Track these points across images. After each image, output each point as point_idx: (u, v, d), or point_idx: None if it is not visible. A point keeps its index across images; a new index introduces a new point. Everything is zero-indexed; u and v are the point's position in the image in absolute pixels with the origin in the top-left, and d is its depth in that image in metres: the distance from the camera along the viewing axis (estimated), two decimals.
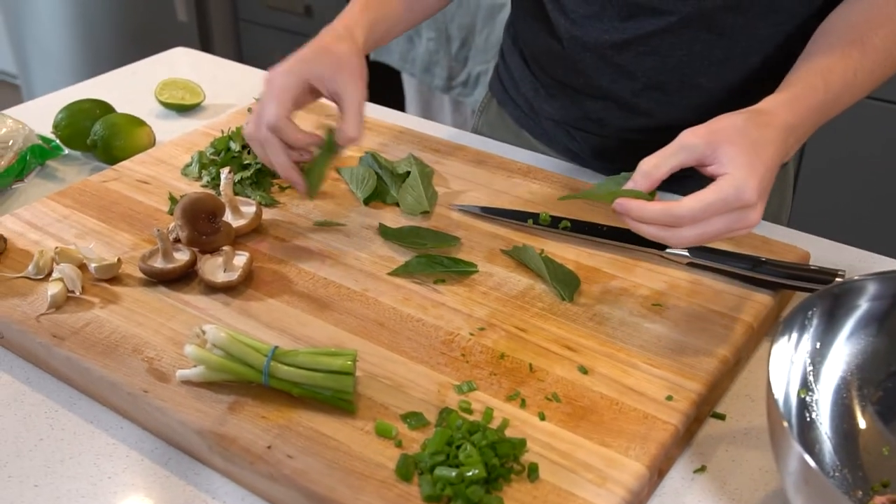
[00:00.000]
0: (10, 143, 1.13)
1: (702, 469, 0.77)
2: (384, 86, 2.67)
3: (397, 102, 2.58)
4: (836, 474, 0.71)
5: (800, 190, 2.10)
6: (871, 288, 0.72)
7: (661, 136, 1.11)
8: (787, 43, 1.01)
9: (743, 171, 0.78)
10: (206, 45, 2.93)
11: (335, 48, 0.96)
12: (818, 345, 0.73)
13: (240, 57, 3.01)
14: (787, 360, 0.70)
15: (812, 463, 0.58)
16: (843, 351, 0.73)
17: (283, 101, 0.93)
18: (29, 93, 3.39)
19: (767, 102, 0.84)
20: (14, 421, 0.80)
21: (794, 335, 0.71)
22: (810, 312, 0.72)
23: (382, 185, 1.07)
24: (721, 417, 0.82)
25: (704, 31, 1.00)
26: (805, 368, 0.72)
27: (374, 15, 1.04)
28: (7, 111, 1.28)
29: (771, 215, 1.15)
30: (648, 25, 1.01)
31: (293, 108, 0.95)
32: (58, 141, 1.20)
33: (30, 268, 0.91)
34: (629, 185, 0.82)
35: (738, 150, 0.79)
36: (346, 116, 0.94)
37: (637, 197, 0.81)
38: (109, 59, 2.97)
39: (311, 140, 0.95)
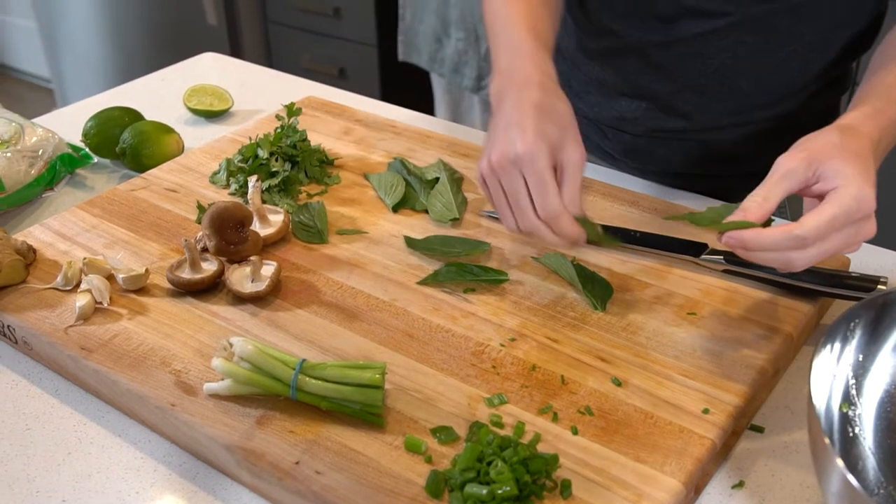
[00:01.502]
0: (39, 153, 1.13)
1: (740, 485, 0.75)
2: (413, 86, 2.66)
3: (426, 103, 2.57)
4: (881, 491, 0.69)
5: None
6: None
7: (695, 137, 1.09)
8: (827, 50, 0.99)
9: (857, 180, 0.75)
10: (235, 48, 2.94)
11: (554, 107, 0.85)
12: (861, 357, 0.70)
13: (269, 59, 3.01)
14: (828, 372, 0.68)
15: (855, 482, 0.56)
16: (888, 363, 0.71)
17: (553, 189, 0.81)
18: (62, 97, 3.42)
19: (849, 118, 0.81)
20: (42, 434, 0.80)
21: (837, 347, 0.68)
22: (853, 323, 0.69)
23: (411, 191, 1.06)
24: (759, 430, 0.80)
25: (750, 35, 0.99)
26: (847, 382, 0.70)
27: (544, 39, 0.94)
28: (37, 119, 1.28)
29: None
30: (694, 27, 1.00)
31: None
32: (87, 149, 1.20)
33: (58, 279, 0.91)
34: (736, 217, 0.78)
35: (843, 163, 0.76)
36: (567, 186, 0.83)
37: (747, 227, 0.77)
38: (141, 63, 2.99)
39: (581, 235, 0.85)
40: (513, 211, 0.84)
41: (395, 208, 1.04)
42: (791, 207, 1.14)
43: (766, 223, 0.78)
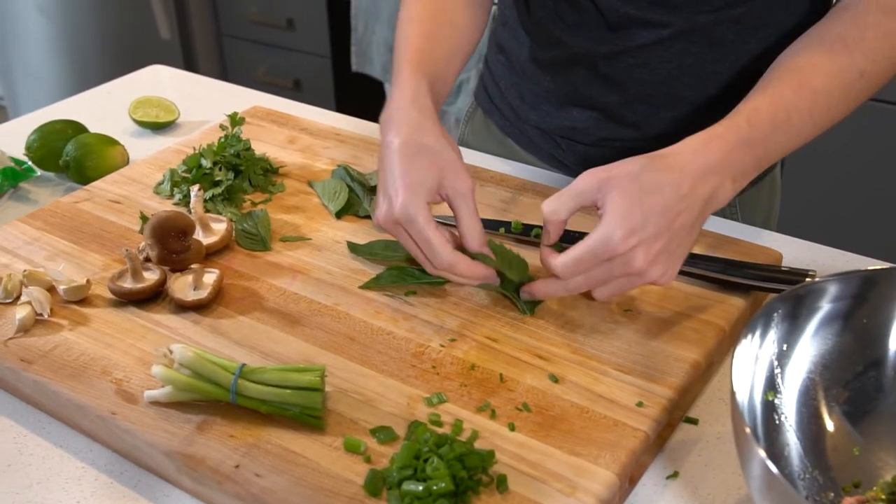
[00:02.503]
0: None
1: (674, 475, 0.76)
2: (368, 97, 2.68)
3: (380, 112, 2.57)
4: (807, 476, 0.71)
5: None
6: (833, 289, 0.72)
7: (647, 146, 1.11)
8: (774, 57, 1.01)
9: (615, 220, 0.78)
10: (189, 62, 2.93)
11: (424, 144, 0.86)
12: (784, 346, 0.72)
13: (224, 72, 3.01)
14: (751, 362, 0.70)
15: (774, 468, 0.58)
16: (809, 352, 0.73)
17: (438, 242, 0.83)
18: (15, 114, 3.39)
19: (680, 144, 0.83)
20: None
21: (758, 337, 0.70)
22: (774, 314, 0.71)
23: (355, 197, 1.07)
24: (694, 422, 0.81)
25: (695, 45, 1.01)
26: (772, 370, 0.72)
27: (428, 75, 0.94)
28: None
29: (759, 224, 1.15)
30: (640, 38, 1.01)
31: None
32: (30, 163, 1.20)
33: None
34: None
35: (620, 199, 0.78)
36: (462, 220, 0.86)
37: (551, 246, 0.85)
38: (95, 78, 2.96)
39: (482, 272, 0.87)
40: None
41: (339, 214, 1.04)
42: (742, 210, 1.16)
43: (557, 247, 0.85)
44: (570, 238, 0.95)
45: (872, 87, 0.89)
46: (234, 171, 1.09)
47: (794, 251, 1.03)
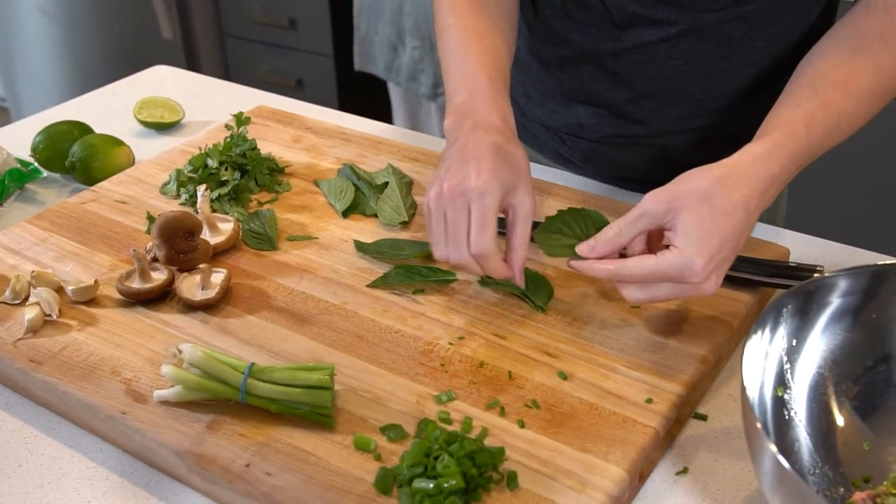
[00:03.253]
0: None
1: (684, 471, 0.76)
2: (371, 96, 2.68)
3: (384, 112, 2.58)
4: (817, 471, 0.71)
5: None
6: (843, 284, 0.72)
7: (652, 143, 1.10)
8: (781, 54, 1.01)
9: (692, 248, 0.76)
10: (192, 62, 2.93)
11: (511, 153, 0.86)
12: (794, 342, 0.72)
13: (226, 72, 3.01)
14: (761, 358, 0.70)
15: (786, 464, 0.58)
16: (819, 347, 0.73)
17: (491, 228, 0.83)
18: (18, 115, 3.39)
19: (743, 155, 0.80)
20: None
21: (768, 333, 0.70)
22: (784, 310, 0.71)
23: (361, 196, 1.07)
24: (703, 418, 0.81)
25: (703, 42, 1.00)
26: (781, 366, 0.72)
27: (500, 77, 0.93)
28: None
29: (765, 222, 1.15)
30: (647, 36, 1.01)
31: None
32: (36, 164, 1.20)
33: (6, 293, 0.90)
34: (583, 248, 0.83)
35: (693, 222, 0.76)
36: (514, 237, 0.86)
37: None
38: (97, 79, 2.96)
39: (508, 274, 0.86)
40: (448, 241, 0.84)
41: (345, 213, 1.05)
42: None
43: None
44: None
45: (892, 92, 0.88)
46: (240, 171, 1.10)
47: (801, 247, 1.03)
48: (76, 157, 1.16)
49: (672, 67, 1.03)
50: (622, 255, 0.83)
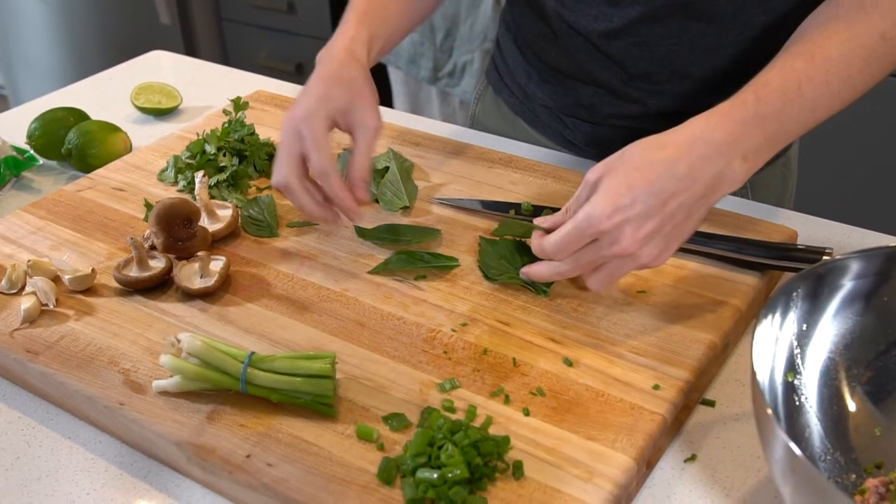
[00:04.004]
0: None
1: (692, 458, 0.75)
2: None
3: (385, 95, 2.56)
4: (828, 458, 0.69)
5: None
6: (855, 266, 0.70)
7: (654, 123, 1.08)
8: (780, 28, 0.98)
9: (600, 197, 0.76)
10: (190, 48, 2.91)
11: (345, 76, 0.92)
12: (804, 326, 0.71)
13: (225, 57, 2.99)
14: (771, 343, 0.69)
15: (798, 451, 0.56)
16: (830, 332, 0.72)
17: (323, 146, 0.88)
18: (16, 102, 3.37)
19: (683, 124, 0.80)
20: None
21: (778, 317, 0.69)
22: (794, 294, 0.70)
23: None
24: (711, 404, 0.80)
25: (693, 20, 0.98)
26: (791, 351, 0.70)
27: (372, 29, 0.99)
28: None
29: (773, 203, 1.13)
30: (633, 12, 0.99)
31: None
32: (32, 151, 1.18)
33: (2, 282, 0.89)
34: (542, 221, 0.85)
35: (610, 178, 0.77)
36: (357, 151, 0.91)
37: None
38: (95, 66, 2.94)
39: (347, 196, 0.91)
40: (277, 165, 0.90)
41: None
42: (752, 191, 1.14)
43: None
44: None
45: None
46: (238, 157, 1.08)
47: (807, 228, 1.01)
48: (72, 144, 1.15)
49: (665, 47, 1.01)
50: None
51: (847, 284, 0.71)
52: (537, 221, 0.84)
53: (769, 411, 0.60)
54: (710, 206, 0.80)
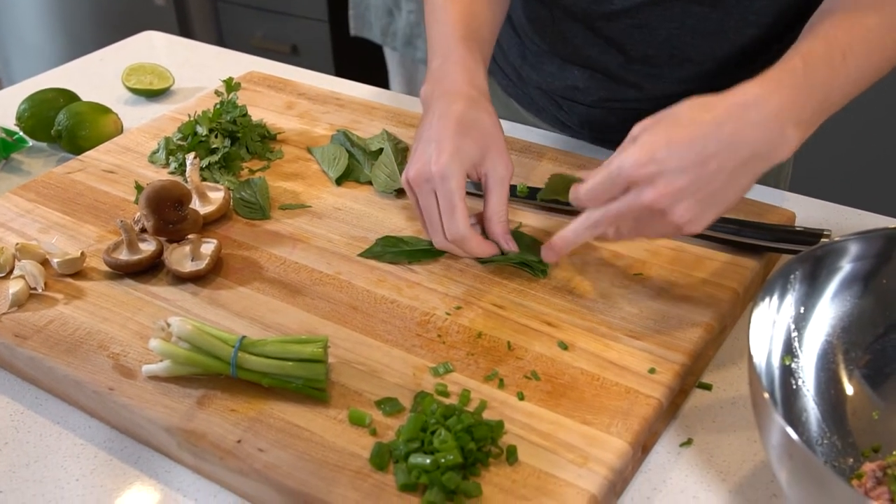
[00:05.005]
0: None
1: (688, 442, 0.74)
2: (367, 61, 2.63)
3: (381, 77, 2.54)
4: (825, 442, 0.69)
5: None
6: (854, 248, 0.69)
7: (650, 107, 1.07)
8: (785, 12, 0.97)
9: (637, 147, 0.73)
10: (185, 29, 2.88)
11: (476, 121, 0.86)
12: (802, 309, 0.70)
13: (220, 38, 2.96)
14: (768, 326, 0.68)
15: (794, 435, 0.56)
16: (828, 314, 0.71)
17: (461, 210, 0.83)
18: (9, 83, 3.35)
19: (736, 87, 0.76)
20: None
21: (776, 300, 0.68)
22: (792, 276, 0.69)
23: (355, 163, 1.04)
24: (707, 388, 0.79)
25: (696, 4, 0.96)
26: (789, 334, 0.70)
27: (479, 43, 0.93)
28: None
29: (769, 185, 1.12)
30: None
31: None
32: (21, 133, 1.17)
33: None
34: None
35: (653, 131, 0.74)
36: (491, 200, 0.87)
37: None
38: (88, 47, 2.92)
39: (492, 251, 0.88)
40: (427, 228, 0.87)
41: (339, 181, 1.02)
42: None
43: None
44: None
45: None
46: (230, 139, 1.07)
47: (804, 210, 1.00)
48: (62, 125, 1.13)
49: (666, 31, 0.99)
50: None
51: (845, 267, 0.70)
52: (580, 174, 0.81)
53: (766, 395, 0.59)
54: (758, 174, 0.76)
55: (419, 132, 0.88)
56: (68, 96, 1.19)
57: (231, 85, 1.12)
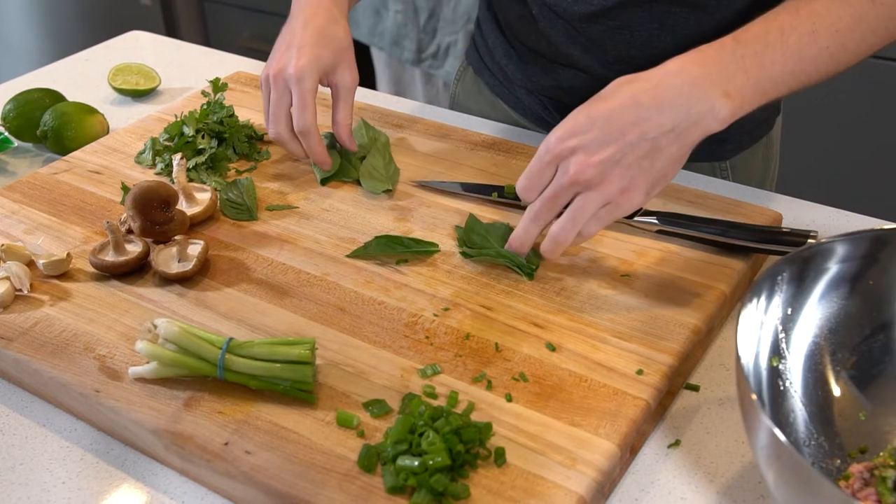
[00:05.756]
0: None
1: (676, 444, 0.74)
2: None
3: (368, 77, 2.53)
4: (812, 443, 0.69)
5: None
6: (840, 250, 0.70)
7: None
8: (761, 15, 0.97)
9: (560, 125, 0.78)
10: (171, 29, 2.87)
11: (333, 32, 0.98)
12: (789, 310, 0.70)
13: (206, 38, 2.95)
14: (756, 327, 0.68)
15: (782, 437, 0.56)
16: (815, 316, 0.71)
17: (309, 107, 0.96)
18: None
19: (664, 62, 0.80)
20: None
21: (763, 301, 0.68)
22: (779, 277, 0.69)
23: (343, 163, 1.04)
24: (695, 389, 0.79)
25: (675, 5, 0.97)
26: (776, 335, 0.70)
27: None
28: None
29: (755, 186, 1.12)
30: None
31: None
32: (6, 133, 1.16)
33: None
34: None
35: (578, 110, 0.78)
36: (339, 107, 1.00)
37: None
38: (74, 46, 2.90)
39: (326, 158, 1.01)
40: (270, 119, 0.98)
41: (324, 181, 1.01)
42: (733, 174, 1.13)
43: None
44: None
45: (892, 18, 0.81)
46: (217, 139, 1.06)
47: (791, 211, 1.01)
48: (48, 125, 1.13)
49: (647, 32, 1.00)
50: None
51: (833, 268, 0.70)
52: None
53: (754, 397, 0.59)
54: (687, 143, 0.77)
55: (282, 35, 1.00)
56: (54, 96, 1.19)
57: (218, 85, 1.12)
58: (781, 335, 0.70)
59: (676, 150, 0.77)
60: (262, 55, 2.38)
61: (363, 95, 1.26)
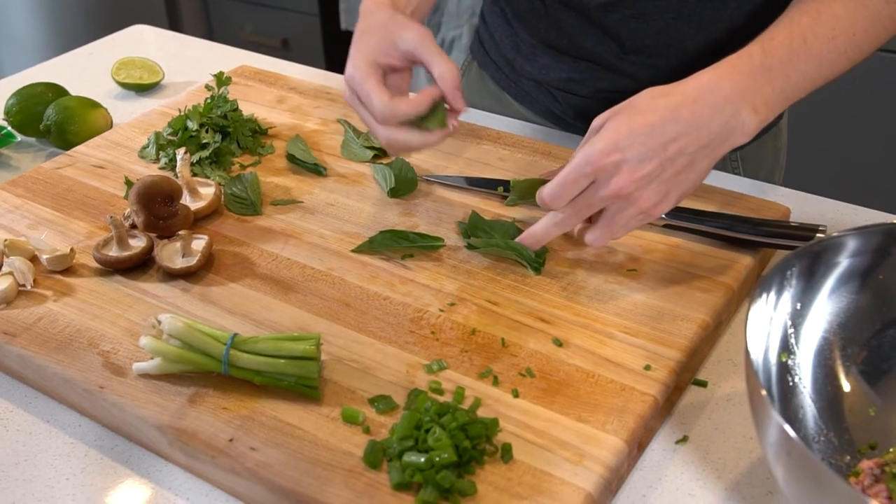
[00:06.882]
0: None
1: (684, 440, 0.74)
2: None
3: None
4: (821, 439, 0.68)
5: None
6: (851, 244, 0.69)
7: None
8: (779, 3, 0.97)
9: (599, 138, 0.76)
10: (174, 23, 2.86)
11: (373, 20, 0.89)
12: (798, 305, 0.70)
13: (210, 32, 2.95)
14: (765, 323, 0.67)
15: (792, 433, 0.55)
16: (825, 311, 0.70)
17: (377, 96, 0.85)
18: (1, 76, 3.32)
19: (692, 76, 0.79)
20: None
21: (773, 296, 0.67)
22: (789, 272, 0.68)
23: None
24: (703, 384, 0.79)
25: None
26: (786, 331, 0.69)
27: None
28: None
29: (763, 180, 1.12)
30: None
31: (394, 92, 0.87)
32: (10, 128, 1.15)
33: None
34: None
35: (614, 121, 0.77)
36: (429, 65, 0.87)
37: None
38: (77, 40, 2.90)
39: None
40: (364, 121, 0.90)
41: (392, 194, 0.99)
42: (744, 165, 1.13)
43: None
44: None
45: None
46: (221, 133, 1.06)
47: (799, 205, 1.00)
48: (51, 120, 1.12)
49: (663, 21, 0.99)
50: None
51: (843, 262, 0.70)
52: (543, 175, 0.82)
53: (763, 392, 0.58)
54: (717, 157, 0.79)
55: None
56: (57, 91, 1.18)
57: (222, 79, 1.11)
58: (791, 330, 0.69)
59: (707, 164, 0.79)
60: (266, 49, 2.37)
61: None
